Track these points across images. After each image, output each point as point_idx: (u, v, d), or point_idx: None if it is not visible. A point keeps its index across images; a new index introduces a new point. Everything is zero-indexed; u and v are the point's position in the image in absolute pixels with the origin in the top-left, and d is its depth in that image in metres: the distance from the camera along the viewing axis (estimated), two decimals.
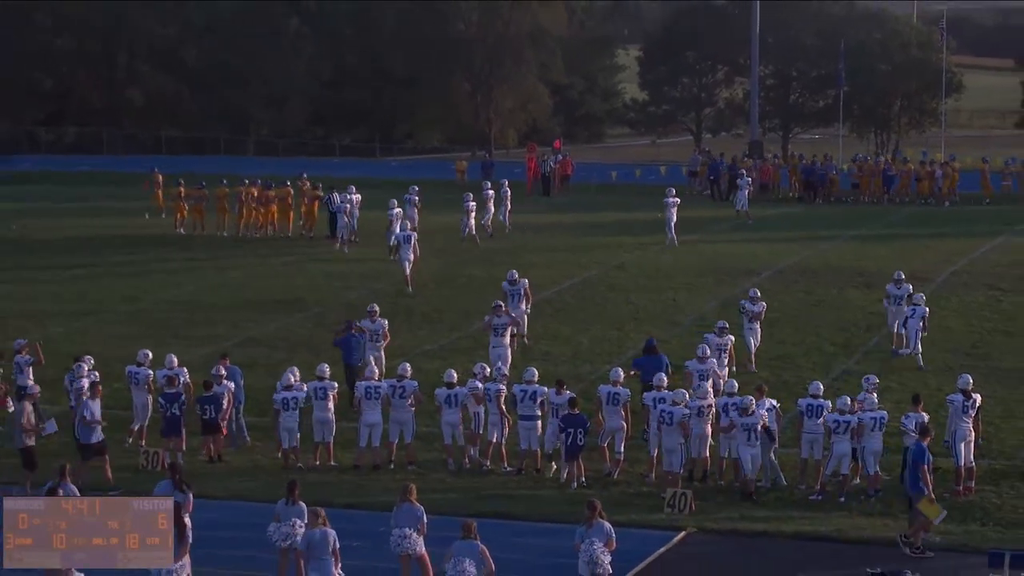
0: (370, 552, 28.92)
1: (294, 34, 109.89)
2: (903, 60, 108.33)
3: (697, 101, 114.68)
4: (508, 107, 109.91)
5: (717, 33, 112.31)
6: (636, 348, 45.29)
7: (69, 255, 63.95)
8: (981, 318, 50.06)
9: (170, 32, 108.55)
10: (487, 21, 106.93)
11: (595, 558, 26.14)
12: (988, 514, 31.86)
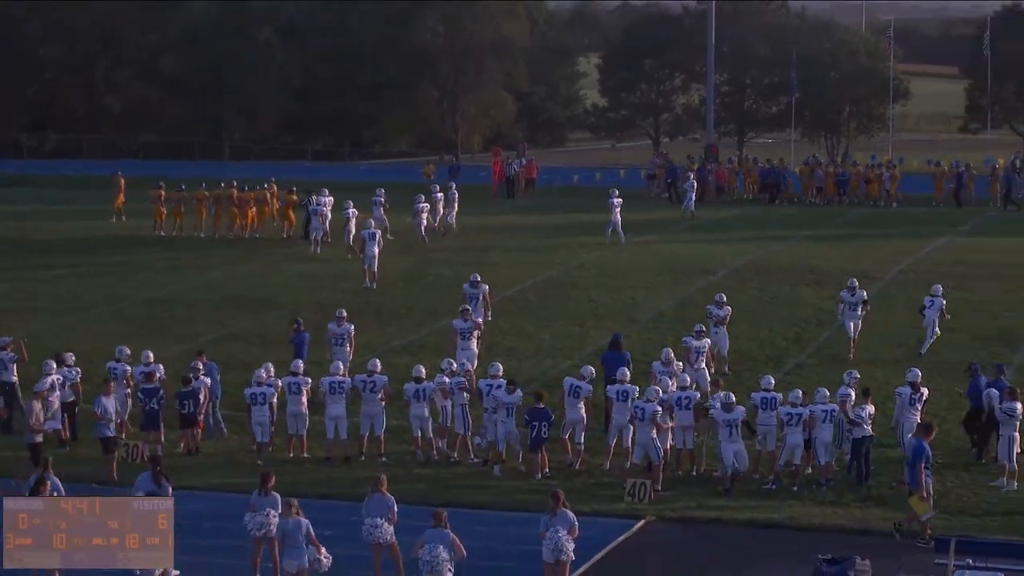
0: (342, 541, 28.91)
1: (266, 44, 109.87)
2: (852, 68, 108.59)
3: (655, 107, 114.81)
4: (473, 113, 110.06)
5: (674, 42, 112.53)
6: (596, 344, 45.39)
7: (51, 256, 63.74)
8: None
9: (148, 41, 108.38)
10: (453, 32, 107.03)
11: (559, 545, 26.23)
12: (935, 502, 31.94)
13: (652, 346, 44.86)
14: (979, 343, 45.41)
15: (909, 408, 33.85)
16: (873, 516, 31.22)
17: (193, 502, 31.25)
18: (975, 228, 70.57)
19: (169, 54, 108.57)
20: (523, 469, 34.24)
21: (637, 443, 33.39)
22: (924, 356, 44.32)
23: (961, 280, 55.78)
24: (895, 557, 28.21)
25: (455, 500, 31.26)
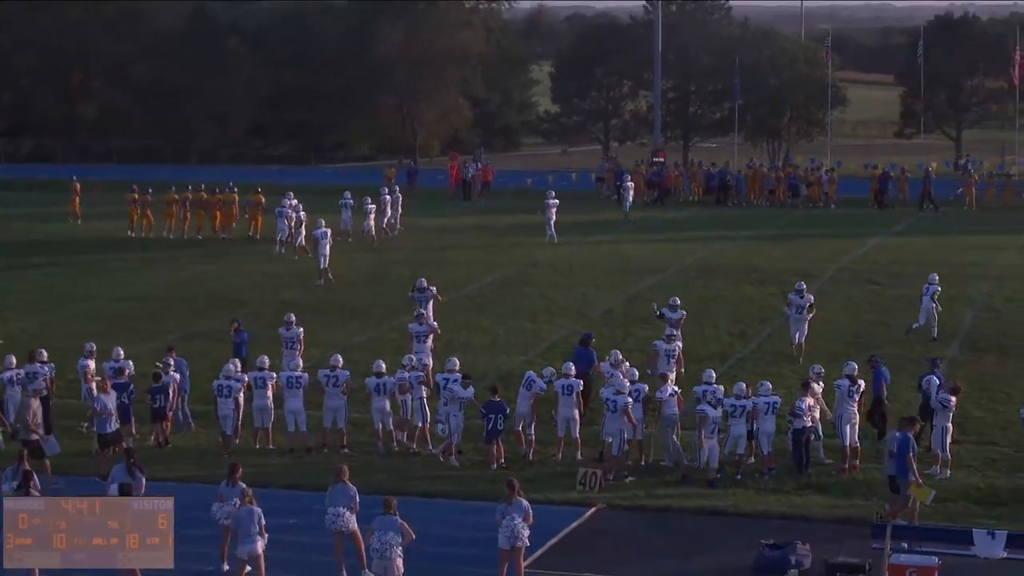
0: (306, 529, 28.91)
1: (233, 54, 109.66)
2: (792, 75, 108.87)
3: (604, 113, 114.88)
4: (431, 119, 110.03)
5: (623, 50, 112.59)
6: (550, 340, 45.54)
7: (27, 256, 63.55)
8: (862, 311, 50.42)
9: (119, 51, 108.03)
10: (411, 41, 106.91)
11: (515, 532, 26.27)
12: (872, 489, 32.05)
13: (603, 341, 44.95)
14: (915, 337, 45.60)
15: (847, 400, 33.93)
16: (813, 503, 31.29)
17: (162, 492, 31.24)
18: (908, 228, 70.90)
19: (140, 63, 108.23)
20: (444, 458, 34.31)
21: (606, 432, 33.45)
22: (910, 333, 45.89)
23: (894, 278, 56.05)
24: (835, 542, 28.30)
25: (414, 490, 31.29)
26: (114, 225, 70.33)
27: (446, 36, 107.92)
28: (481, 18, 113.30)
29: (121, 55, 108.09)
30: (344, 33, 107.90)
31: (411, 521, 25.76)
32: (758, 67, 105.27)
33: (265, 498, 29.51)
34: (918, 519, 29.11)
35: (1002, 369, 41.91)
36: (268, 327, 46.07)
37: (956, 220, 73.95)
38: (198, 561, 27.20)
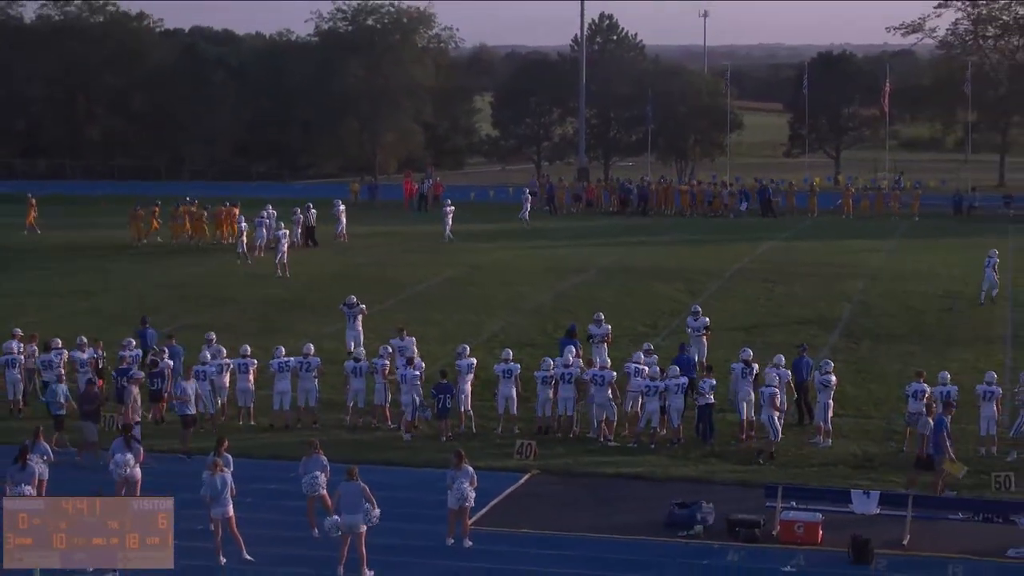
0: (285, 495, 28.88)
1: (219, 85, 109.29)
2: (697, 104, 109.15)
3: (537, 136, 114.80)
4: (389, 142, 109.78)
5: (552, 83, 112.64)
6: (490, 330, 45.54)
7: (40, 260, 63.12)
8: (758, 304, 50.62)
9: (120, 82, 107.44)
10: (371, 76, 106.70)
11: (463, 494, 26.41)
12: (764, 457, 32.22)
13: (535, 331, 45.14)
14: (801, 327, 45.84)
15: (742, 380, 34.11)
16: (716, 468, 31.42)
17: (160, 463, 31.10)
18: (796, 234, 71.18)
19: (138, 93, 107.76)
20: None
21: (596, 404, 33.81)
22: (984, 303, 49.59)
23: (784, 276, 56.29)
24: (734, 501, 28.41)
25: (376, 459, 31.31)
26: (116, 233, 69.86)
27: (401, 71, 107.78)
28: (431, 56, 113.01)
29: (121, 86, 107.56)
30: (314, 68, 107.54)
31: (372, 486, 25.77)
32: (668, 97, 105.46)
33: (248, 467, 29.56)
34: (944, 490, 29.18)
35: (875, 354, 42.17)
36: (252, 320, 45.96)
37: (835, 227, 74.36)
38: (194, 522, 27.10)
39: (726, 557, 26.20)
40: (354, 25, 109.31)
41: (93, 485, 28.71)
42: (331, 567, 25.33)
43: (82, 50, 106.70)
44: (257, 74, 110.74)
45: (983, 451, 32.05)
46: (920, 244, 67.09)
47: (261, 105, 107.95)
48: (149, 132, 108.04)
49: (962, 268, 58.30)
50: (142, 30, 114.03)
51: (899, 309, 49.45)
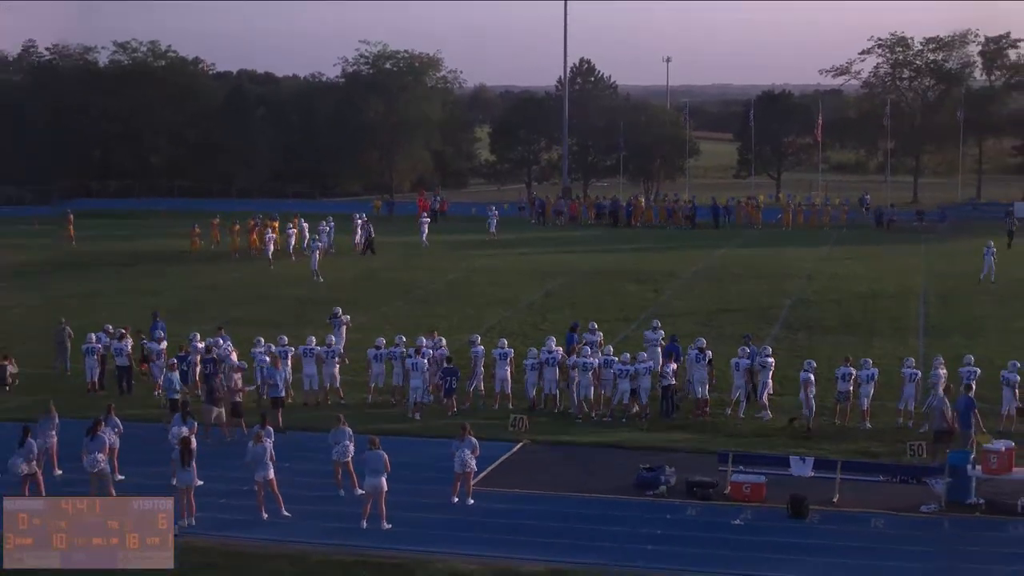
0: (314, 460, 28.88)
1: (260, 119, 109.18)
2: (660, 134, 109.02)
3: (527, 161, 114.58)
4: (403, 166, 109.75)
5: (540, 117, 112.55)
6: (488, 323, 45.49)
7: (115, 265, 63.14)
8: (712, 300, 50.62)
9: (178, 119, 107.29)
10: (388, 111, 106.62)
11: (465, 461, 26.44)
12: (718, 429, 32.25)
13: (525, 325, 45.13)
14: (749, 319, 45.84)
15: (696, 365, 34.15)
16: (677, 439, 31.39)
17: (214, 435, 31.09)
18: (744, 242, 71.26)
19: (192, 127, 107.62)
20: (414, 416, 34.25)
21: (581, 385, 33.67)
22: (983, 282, 53.52)
23: (735, 277, 56.35)
24: (692, 466, 28.43)
25: (393, 431, 31.22)
26: (174, 242, 69.82)
27: (414, 107, 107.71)
28: (439, 94, 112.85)
29: (179, 120, 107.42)
30: (340, 105, 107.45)
31: (390, 453, 25.82)
32: (636, 128, 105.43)
33: (286, 437, 29.55)
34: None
35: (810, 342, 42.12)
36: (286, 314, 45.88)
37: (778, 236, 74.38)
38: (244, 483, 27.05)
39: (686, 512, 26.20)
40: (375, 68, 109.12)
41: (164, 454, 28.78)
42: (356, 521, 25.35)
43: (147, 90, 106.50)
44: (292, 109, 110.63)
45: (900, 422, 32.11)
46: (848, 250, 67.13)
47: (295, 135, 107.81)
48: (202, 158, 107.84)
49: (881, 270, 58.52)
50: (197, 73, 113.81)
51: (830, 305, 49.47)
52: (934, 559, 23.55)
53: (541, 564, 23.27)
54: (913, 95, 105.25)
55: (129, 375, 36.69)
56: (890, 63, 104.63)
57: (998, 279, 54.07)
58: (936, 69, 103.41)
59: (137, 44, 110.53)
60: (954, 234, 74.55)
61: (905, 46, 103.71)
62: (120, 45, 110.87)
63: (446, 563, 23.34)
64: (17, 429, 27.29)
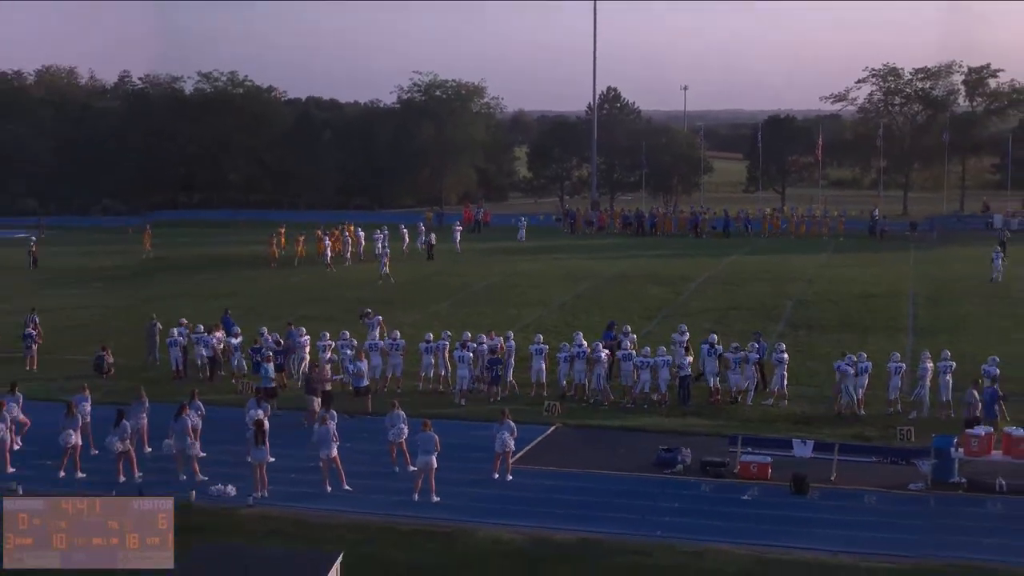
0: (372, 439, 28.96)
1: (326, 141, 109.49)
2: (678, 153, 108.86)
3: (560, 177, 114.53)
4: (451, 181, 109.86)
5: (572, 138, 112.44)
6: (526, 320, 45.48)
7: (196, 268, 63.53)
8: (723, 302, 50.39)
9: (253, 141, 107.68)
10: (439, 134, 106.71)
11: (505, 442, 26.52)
12: (729, 414, 32.14)
13: (558, 321, 45.09)
14: (756, 318, 45.66)
15: (708, 358, 34.07)
16: (693, 423, 31.33)
17: (285, 417, 31.22)
18: (751, 250, 70.92)
19: (267, 149, 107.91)
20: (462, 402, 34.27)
21: (594, 374, 33.64)
22: (993, 281, 54.38)
23: (743, 280, 56.12)
24: (706, 447, 28.35)
25: (442, 415, 31.27)
26: (249, 249, 70.15)
27: (460, 130, 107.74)
28: (483, 118, 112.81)
29: (254, 143, 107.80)
30: (396, 128, 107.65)
31: (440, 434, 25.86)
32: (657, 148, 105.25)
33: (347, 420, 29.62)
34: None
35: (811, 339, 41.91)
36: (348, 313, 46.04)
37: (782, 244, 74.02)
38: (312, 460, 27.11)
39: (700, 489, 26.13)
40: (426, 96, 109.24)
41: (241, 434, 28.90)
42: (409, 494, 25.41)
43: (227, 115, 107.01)
44: (354, 132, 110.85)
45: (890, 411, 31.93)
46: (845, 257, 66.76)
47: (357, 155, 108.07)
48: (275, 175, 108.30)
49: (875, 274, 58.14)
50: (270, 99, 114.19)
51: (829, 305, 49.18)
52: (921, 532, 23.41)
53: (572, 533, 23.27)
54: (903, 119, 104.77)
55: (214, 365, 36.93)
56: (883, 91, 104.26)
57: (1006, 279, 54.71)
58: (924, 96, 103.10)
59: (219, 74, 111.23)
60: (941, 243, 74.05)
61: (896, 76, 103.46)
62: (204, 75, 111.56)
63: (488, 532, 23.37)
64: (113, 412, 27.55)
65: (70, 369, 37.95)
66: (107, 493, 25.18)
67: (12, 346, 40.97)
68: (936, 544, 22.63)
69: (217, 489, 25.75)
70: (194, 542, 19.83)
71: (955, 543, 22.67)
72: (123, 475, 26.77)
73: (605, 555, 22.11)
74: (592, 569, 21.52)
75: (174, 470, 26.96)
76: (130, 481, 26.53)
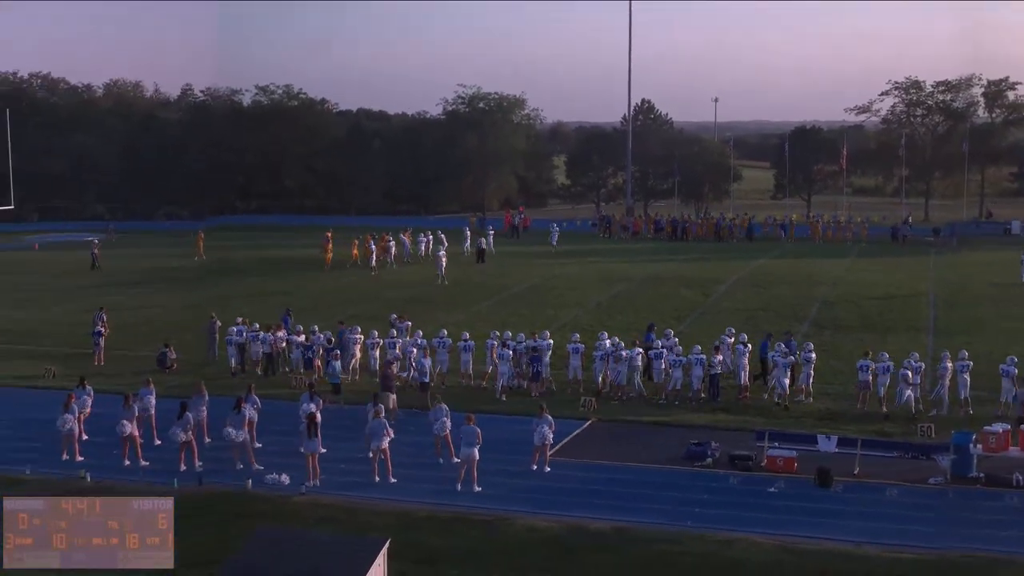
0: (419, 432, 29.04)
1: (375, 150, 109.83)
2: (709, 162, 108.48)
3: (597, 185, 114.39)
4: (493, 188, 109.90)
5: (608, 148, 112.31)
6: (563, 320, 45.41)
7: (254, 272, 63.89)
8: (752, 302, 50.17)
9: (306, 150, 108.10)
10: (482, 144, 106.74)
11: (544, 435, 26.50)
12: (756, 410, 31.99)
13: (593, 320, 45.01)
14: (783, 319, 45.41)
15: (739, 356, 33.91)
16: (722, 418, 31.22)
17: (332, 412, 31.34)
18: (778, 254, 70.54)
19: (319, 157, 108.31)
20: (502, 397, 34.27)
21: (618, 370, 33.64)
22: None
23: (771, 283, 55.82)
24: (734, 441, 28.26)
25: (484, 409, 31.21)
26: (302, 252, 70.45)
27: (502, 140, 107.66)
28: (523, 129, 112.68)
29: (308, 153, 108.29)
30: (441, 139, 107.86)
31: (482, 428, 25.90)
32: (688, 157, 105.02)
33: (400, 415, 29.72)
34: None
35: (835, 339, 41.67)
36: (390, 312, 46.08)
37: (808, 249, 73.55)
38: (360, 451, 27.17)
39: (728, 481, 26.04)
40: (470, 107, 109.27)
41: (294, 427, 29.06)
42: (452, 484, 25.46)
43: (282, 126, 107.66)
44: (402, 142, 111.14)
45: (912, 409, 31.69)
46: (868, 261, 66.28)
47: (404, 163, 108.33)
48: (327, 182, 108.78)
49: (897, 277, 57.70)
50: (323, 111, 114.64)
51: (852, 307, 48.86)
52: (940, 524, 23.22)
53: (606, 523, 23.24)
54: (925, 130, 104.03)
55: (271, 361, 37.14)
56: (905, 103, 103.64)
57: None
58: (945, 108, 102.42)
59: (275, 87, 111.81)
60: (960, 248, 73.39)
61: (918, 88, 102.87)
62: (261, 88, 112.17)
63: (526, 520, 23.38)
64: (176, 404, 27.79)
65: (135, 365, 38.30)
66: (169, 481, 25.52)
67: (82, 343, 41.45)
68: (955, 536, 22.44)
69: (272, 478, 25.92)
70: (256, 526, 19.98)
71: (973, 535, 22.47)
72: (184, 464, 26.99)
73: (637, 543, 22.06)
74: (625, 557, 21.48)
75: (232, 460, 27.15)
76: (191, 470, 26.74)
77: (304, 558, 16.47)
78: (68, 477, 26.14)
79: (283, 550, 16.80)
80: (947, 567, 20.87)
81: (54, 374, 36.93)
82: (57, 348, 42.07)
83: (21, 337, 44.57)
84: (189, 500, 23.45)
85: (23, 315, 49.86)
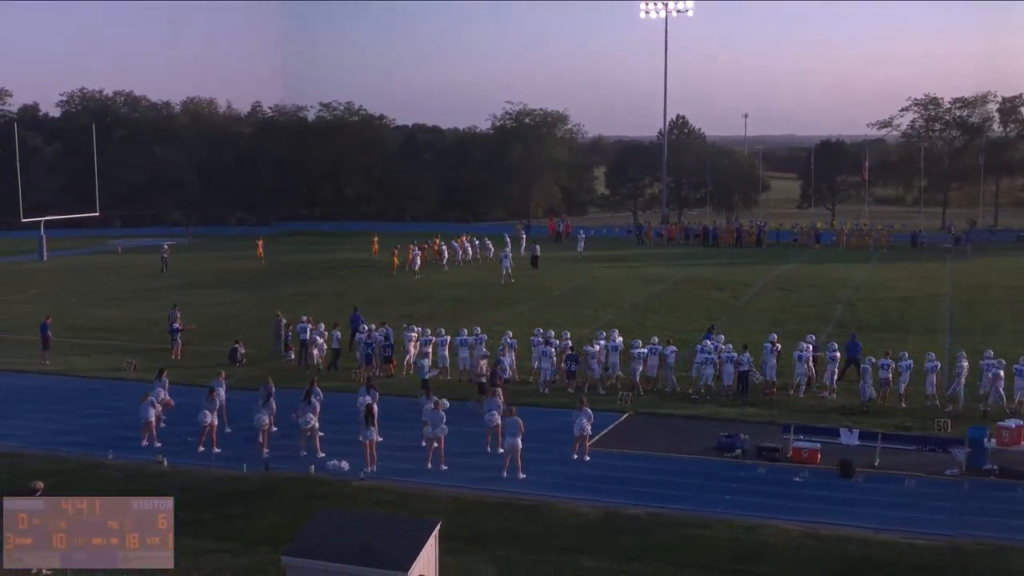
0: (472, 423, 29.07)
1: (429, 162, 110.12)
2: (739, 173, 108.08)
3: (634, 194, 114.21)
4: (537, 198, 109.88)
5: (645, 160, 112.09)
6: (602, 320, 45.27)
7: (317, 272, 64.21)
8: (779, 304, 49.82)
9: (366, 162, 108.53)
10: (527, 155, 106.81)
11: (583, 427, 26.45)
12: (783, 406, 31.75)
13: (630, 321, 44.84)
14: (811, 322, 45.04)
15: (768, 355, 33.67)
16: (750, 413, 31.01)
17: (388, 404, 31.43)
18: (806, 259, 70.01)
19: (377, 168, 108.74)
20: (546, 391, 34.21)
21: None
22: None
23: (799, 286, 55.41)
24: (762, 434, 28.07)
25: (528, 403, 31.25)
26: (358, 256, 70.67)
27: (547, 153, 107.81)
28: (566, 142, 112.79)
29: (366, 164, 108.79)
30: (490, 150, 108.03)
31: (525, 420, 25.89)
32: (720, 169, 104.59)
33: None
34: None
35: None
36: (443, 311, 46.16)
37: (832, 254, 72.99)
38: (417, 438, 27.19)
39: (756, 471, 25.85)
40: (517, 122, 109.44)
41: (355, 417, 29.12)
42: (498, 471, 25.49)
43: (343, 140, 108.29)
44: (453, 154, 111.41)
45: (928, 404, 31.36)
46: (889, 266, 65.64)
47: (455, 174, 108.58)
48: (384, 191, 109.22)
49: (916, 281, 57.10)
50: (381, 126, 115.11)
51: (874, 309, 48.41)
52: (955, 513, 22.96)
53: (642, 509, 23.17)
54: (942, 143, 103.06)
55: (336, 357, 37.32)
56: (924, 118, 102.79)
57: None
58: (962, 123, 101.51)
59: (337, 104, 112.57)
60: (976, 254, 72.53)
61: (936, 104, 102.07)
62: (324, 105, 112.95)
63: (567, 505, 23.36)
64: (246, 397, 28.00)
65: (209, 359, 38.63)
66: (238, 466, 25.73)
67: (159, 339, 41.89)
68: (969, 525, 22.17)
69: (333, 464, 26.07)
70: (318, 508, 20.13)
71: (986, 524, 22.20)
72: (267, 448, 27.15)
73: (670, 527, 21.98)
74: (658, 540, 21.42)
75: (296, 447, 27.33)
76: (258, 456, 26.93)
77: (362, 537, 16.56)
78: (147, 462, 26.46)
79: (343, 530, 16.92)
80: (961, 553, 20.64)
81: (135, 367, 37.33)
82: (138, 343, 42.53)
83: (112, 334, 45.02)
84: (258, 484, 23.67)
85: (109, 313, 50.45)
